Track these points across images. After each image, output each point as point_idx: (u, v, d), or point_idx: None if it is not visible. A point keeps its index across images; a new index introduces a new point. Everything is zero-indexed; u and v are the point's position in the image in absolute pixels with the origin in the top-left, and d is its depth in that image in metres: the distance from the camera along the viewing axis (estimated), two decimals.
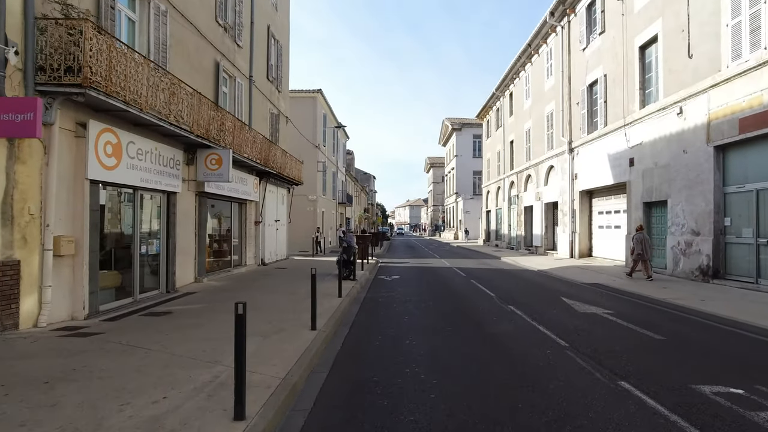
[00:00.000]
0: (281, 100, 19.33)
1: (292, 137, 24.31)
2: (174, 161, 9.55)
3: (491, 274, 15.05)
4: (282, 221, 19.14)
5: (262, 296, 9.22)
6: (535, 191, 24.70)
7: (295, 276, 13.08)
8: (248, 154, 12.76)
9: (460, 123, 53.45)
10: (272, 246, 17.48)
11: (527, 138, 26.04)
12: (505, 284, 12.18)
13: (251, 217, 15.40)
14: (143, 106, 7.26)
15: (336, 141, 36.99)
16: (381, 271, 16.14)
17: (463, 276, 14.29)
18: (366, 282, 12.69)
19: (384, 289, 11.37)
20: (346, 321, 7.45)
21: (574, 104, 19.49)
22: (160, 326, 6.39)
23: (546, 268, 16.05)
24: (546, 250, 23.01)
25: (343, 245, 12.85)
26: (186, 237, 10.46)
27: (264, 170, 14.96)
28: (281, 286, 10.71)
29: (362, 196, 63.93)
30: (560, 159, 20.92)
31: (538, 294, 10.41)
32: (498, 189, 33.66)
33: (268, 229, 16.88)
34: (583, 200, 19.17)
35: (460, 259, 21.62)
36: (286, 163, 17.39)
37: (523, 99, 26.83)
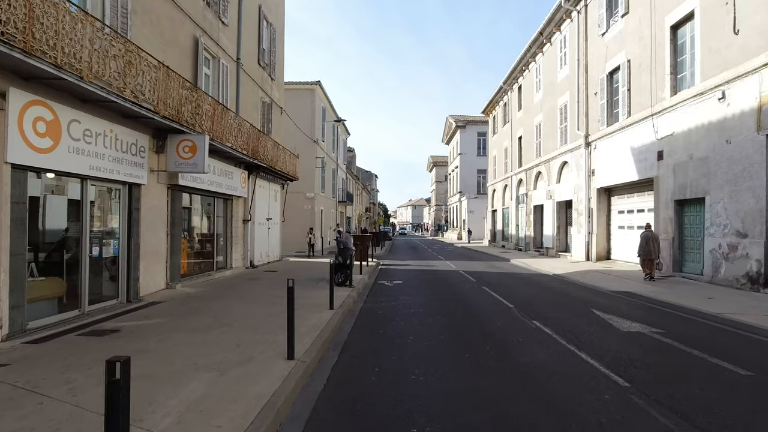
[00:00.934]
0: (275, 89, 17.89)
1: (288, 131, 22.89)
2: (137, 148, 8.11)
3: (503, 279, 13.58)
4: (275, 220, 17.71)
5: (240, 307, 7.78)
6: (546, 189, 23.20)
7: (285, 281, 11.63)
8: (232, 144, 11.32)
9: (465, 120, 51.99)
10: (263, 247, 16.05)
11: (537, 133, 24.54)
12: (522, 292, 10.71)
13: (238, 214, 13.97)
14: (85, 73, 5.83)
15: (336, 137, 35.55)
16: (382, 274, 14.70)
17: (472, 281, 12.82)
18: (364, 288, 11.25)
19: (384, 297, 9.92)
20: (336, 343, 6.00)
21: (592, 95, 17.99)
22: (90, 353, 4.95)
23: (562, 273, 14.57)
24: (558, 252, 21.52)
25: (339, 247, 11.41)
26: (155, 237, 9.03)
27: (253, 163, 13.52)
28: (265, 294, 9.26)
29: (364, 195, 62.49)
30: (575, 154, 19.42)
31: (563, 305, 8.94)
32: (505, 187, 32.16)
33: (258, 228, 15.45)
34: (601, 198, 17.67)
35: (466, 261, 20.15)
36: (279, 157, 15.95)
37: (534, 92, 25.33)
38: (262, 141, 13.95)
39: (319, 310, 7.63)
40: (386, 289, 11.15)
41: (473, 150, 51.32)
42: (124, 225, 8.03)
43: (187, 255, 11.24)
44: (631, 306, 8.79)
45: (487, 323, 7.18)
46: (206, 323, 6.44)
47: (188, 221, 11.46)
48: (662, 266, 12.75)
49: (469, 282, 12.68)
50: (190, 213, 11.56)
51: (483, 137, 50.91)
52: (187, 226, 11.31)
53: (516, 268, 17.31)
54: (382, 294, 10.38)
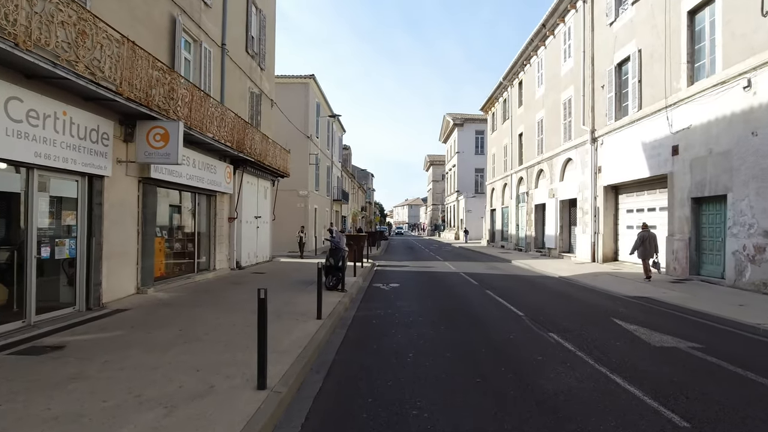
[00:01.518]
0: (264, 80, 16.91)
1: (279, 125, 21.92)
2: (99, 134, 7.13)
3: (507, 282, 12.68)
4: (265, 218, 16.73)
5: (215, 316, 6.82)
6: (548, 187, 22.35)
7: (272, 284, 10.67)
8: (214, 134, 10.35)
9: (462, 118, 51.17)
10: (251, 246, 15.07)
11: (539, 129, 23.68)
12: (530, 297, 9.81)
13: (223, 212, 12.99)
14: (21, 39, 4.86)
15: (331, 133, 34.58)
16: (377, 276, 13.77)
17: (474, 284, 11.91)
18: (358, 292, 10.31)
19: (380, 303, 8.99)
20: (322, 363, 5.06)
21: (598, 88, 17.13)
22: (9, 382, 3.98)
23: (569, 275, 13.70)
24: (561, 253, 20.66)
25: (330, 247, 10.46)
26: (122, 235, 8.05)
27: (239, 157, 12.55)
28: (247, 301, 8.30)
29: (359, 194, 61.53)
30: (580, 150, 18.56)
31: (578, 313, 8.04)
32: (504, 186, 31.31)
33: (245, 226, 14.47)
34: (608, 197, 16.82)
35: (465, 263, 19.25)
36: (269, 151, 14.98)
37: (535, 87, 24.47)
38: (249, 133, 12.98)
39: (304, 319, 6.68)
40: (382, 294, 10.21)
41: (471, 149, 50.54)
42: (84, 222, 7.05)
43: (165, 255, 10.26)
44: (654, 314, 7.90)
45: (497, 336, 6.26)
46: (170, 337, 5.49)
47: (165, 218, 10.48)
48: (659, 266, 12.06)
49: (470, 285, 11.77)
50: (167, 209, 10.57)
51: (481, 135, 50.14)
52: (164, 223, 10.33)
53: (519, 269, 16.43)
54: (377, 299, 9.45)
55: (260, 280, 11.40)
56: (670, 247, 12.64)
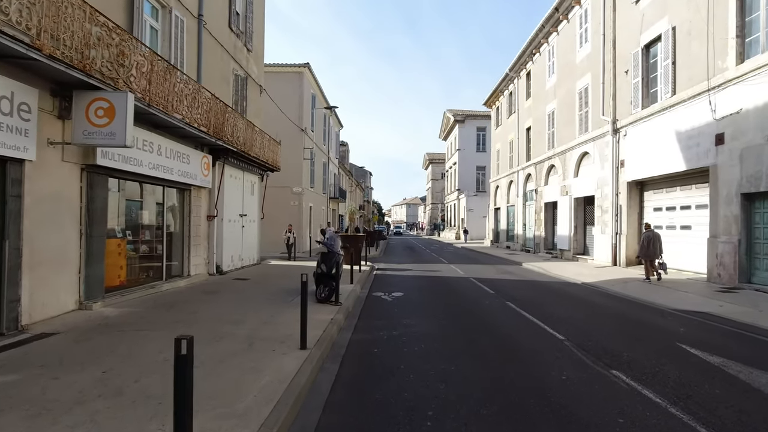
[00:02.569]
0: (252, 63, 15.21)
1: (271, 116, 20.25)
2: (14, 105, 5.44)
3: (526, 290, 11.06)
4: (252, 216, 15.05)
5: (159, 349, 5.12)
6: (560, 184, 20.74)
7: (253, 295, 9.01)
8: (184, 116, 8.67)
9: (463, 115, 49.61)
10: (234, 248, 13.38)
11: (550, 122, 22.06)
12: (562, 311, 8.17)
13: (201, 209, 11.31)
14: None
15: (327, 128, 32.89)
16: (377, 283, 12.11)
17: (490, 294, 10.28)
18: (355, 304, 8.66)
19: (382, 320, 7.33)
20: (302, 428, 3.40)
21: (621, 73, 15.52)
22: None
23: (593, 281, 12.10)
24: (575, 255, 19.06)
25: (322, 251, 8.80)
26: (56, 237, 6.37)
27: (218, 145, 10.88)
28: (217, 320, 6.63)
29: (357, 193, 59.86)
30: (599, 143, 16.95)
31: (630, 335, 6.40)
32: (510, 183, 29.70)
33: (228, 225, 12.79)
34: (631, 194, 15.21)
35: (473, 266, 17.61)
36: (255, 141, 13.30)
37: (546, 77, 22.84)
38: (231, 119, 11.29)
39: (284, 349, 5.03)
40: (384, 307, 8.56)
41: (472, 146, 48.98)
42: None
43: (125, 260, 8.59)
44: (728, 338, 6.27)
45: (544, 376, 4.61)
46: (82, 386, 3.81)
47: (124, 216, 8.79)
48: (666, 267, 11.93)
49: (486, 295, 10.13)
50: (125, 205, 8.88)
51: (482, 132, 48.60)
52: (122, 222, 8.65)
53: (533, 274, 14.80)
54: (378, 315, 7.79)
55: (241, 290, 9.73)
56: (713, 250, 11.03)
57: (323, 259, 8.41)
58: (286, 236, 18.21)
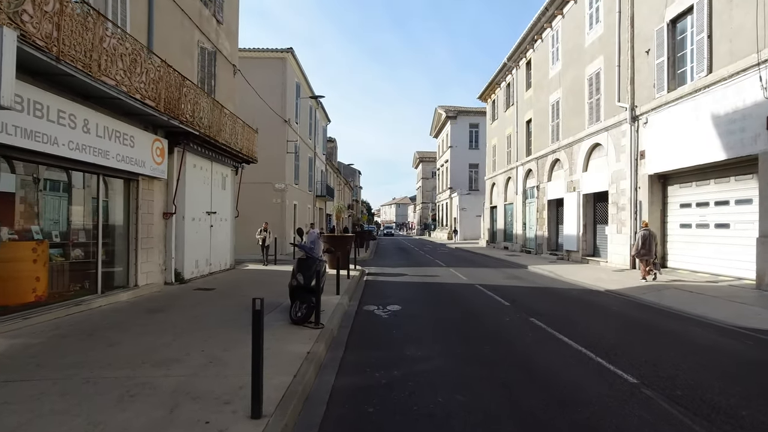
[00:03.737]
0: (223, 37, 13.21)
1: (251, 107, 18.28)
2: None
3: (546, 300, 9.29)
4: (223, 214, 13.05)
5: (26, 423, 3.20)
6: (566, 180, 19.10)
7: (211, 313, 7.06)
8: (119, 82, 6.69)
9: (455, 111, 48.02)
10: (200, 251, 11.38)
11: (554, 113, 20.42)
12: (603, 331, 6.38)
13: (154, 204, 9.30)
14: None
15: (314, 121, 30.91)
16: (369, 292, 10.24)
17: (505, 305, 8.48)
18: (342, 324, 6.77)
19: (378, 351, 5.46)
20: None
21: (641, 54, 13.88)
22: None
23: (618, 288, 10.41)
24: (584, 257, 17.41)
25: (300, 256, 6.89)
26: None
27: (174, 126, 8.89)
28: (142, 360, 4.68)
29: (346, 191, 57.90)
30: (613, 133, 15.31)
31: (723, 372, 4.62)
32: (507, 180, 28.06)
33: (191, 225, 10.79)
34: (653, 188, 13.58)
35: (474, 269, 15.85)
36: (225, 125, 11.32)
37: (549, 64, 21.20)
38: (192, 95, 9.31)
39: (224, 421, 3.12)
40: (379, 328, 6.68)
41: (465, 143, 47.44)
42: None
43: (45, 269, 6.57)
44: None
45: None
46: None
47: (46, 213, 6.78)
48: (658, 267, 12.01)
49: (501, 308, 8.32)
50: (46, 199, 6.87)
51: (475, 129, 47.10)
52: (43, 221, 6.63)
53: (545, 279, 13.06)
54: (372, 341, 5.92)
55: (196, 304, 7.76)
56: (764, 252, 9.38)
57: (300, 267, 6.50)
58: (260, 236, 15.75)
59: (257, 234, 15.76)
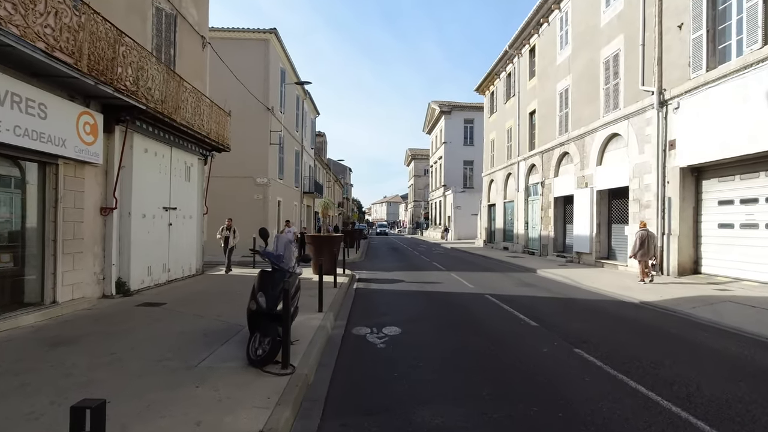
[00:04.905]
0: (188, 0, 11.17)
1: (229, 92, 16.27)
2: None
3: (578, 317, 7.48)
4: (188, 211, 11.04)
5: None
6: (576, 175, 17.38)
7: (143, 345, 5.10)
8: (23, 32, 4.70)
9: (450, 105, 46.24)
10: (155, 255, 9.36)
11: (562, 102, 18.70)
12: (688, 372, 4.56)
13: (84, 196, 7.29)
14: None
15: (301, 112, 28.88)
16: (359, 306, 8.34)
17: (532, 326, 6.65)
18: (321, 360, 4.87)
19: (374, 414, 3.57)
20: None
21: (671, 29, 12.16)
22: None
23: (656, 299, 8.68)
24: (598, 260, 15.71)
25: (268, 270, 4.96)
26: None
27: (109, 97, 6.90)
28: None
29: (336, 189, 55.86)
30: (636, 121, 13.59)
31: None
32: (507, 176, 26.35)
33: (141, 223, 8.79)
34: (685, 183, 11.89)
35: (478, 274, 14.03)
36: (186, 103, 9.34)
37: (556, 50, 19.47)
38: (133, 57, 7.31)
39: None
40: (374, 369, 4.78)
41: (459, 139, 45.73)
42: None
43: None
44: None
45: None
46: None
47: None
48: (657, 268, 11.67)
49: (530, 330, 6.47)
50: None
51: (470, 125, 45.44)
52: None
53: (563, 287, 11.27)
54: (364, 394, 4.01)
55: (127, 331, 5.79)
56: None
57: (263, 283, 4.59)
58: (222, 235, 12.62)
59: (218, 233, 12.71)
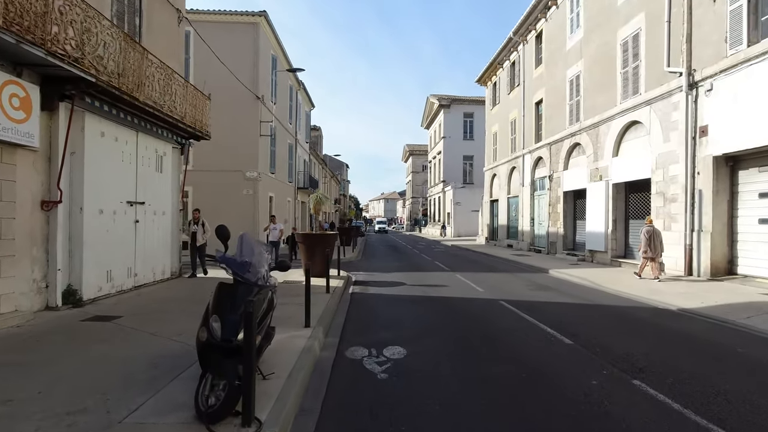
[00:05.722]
0: None
1: (215, 79, 14.95)
2: None
3: (619, 331, 6.23)
4: (159, 206, 9.72)
5: None
6: (590, 167, 16.15)
7: (65, 380, 3.80)
8: None
9: (449, 99, 44.93)
10: (115, 258, 8.03)
11: (573, 90, 17.44)
12: None
13: (17, 187, 5.96)
14: None
15: (295, 104, 27.51)
16: (354, 317, 7.06)
17: (567, 345, 5.40)
18: (303, 404, 3.60)
19: None
20: None
21: (702, 1, 10.91)
22: None
23: (696, 306, 7.47)
24: (614, 258, 14.50)
25: (229, 286, 3.66)
26: None
27: (40, 62, 5.59)
28: None
29: (333, 185, 54.50)
30: (660, 107, 12.33)
31: None
32: (511, 170, 25.10)
33: (97, 221, 7.46)
34: (719, 174, 10.66)
35: (485, 275, 12.79)
36: (153, 80, 8.01)
37: (566, 34, 18.20)
38: (73, 16, 5.98)
39: None
40: (373, 413, 3.52)
41: (459, 133, 44.43)
42: None
43: None
44: None
45: None
46: None
47: None
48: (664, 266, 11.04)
49: (567, 351, 5.22)
50: None
51: (470, 119, 44.15)
52: None
53: (583, 290, 10.03)
54: None
55: (54, 358, 4.49)
56: None
57: (219, 301, 3.31)
58: (188, 230, 10.46)
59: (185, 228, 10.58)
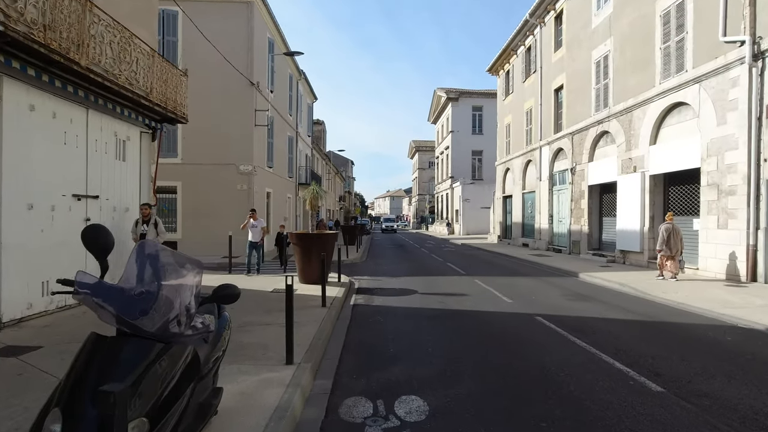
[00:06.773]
0: None
1: (204, 64, 13.36)
2: None
3: (716, 371, 4.53)
4: (122, 202, 8.12)
5: None
6: (621, 158, 14.38)
7: None
8: None
9: (457, 92, 43.18)
10: (56, 265, 6.42)
11: (601, 72, 15.65)
12: None
13: None
14: None
15: (296, 95, 25.90)
16: (355, 338, 5.42)
17: (653, 391, 3.71)
18: None
19: None
20: None
21: None
22: None
23: None
24: (651, 260, 12.74)
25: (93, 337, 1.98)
26: None
27: None
28: None
29: (337, 181, 52.90)
30: (711, 84, 10.56)
31: None
32: (527, 164, 23.34)
33: (25, 218, 5.87)
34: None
35: (506, 279, 11.11)
36: (102, 41, 6.40)
37: (591, 11, 16.40)
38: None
39: None
40: None
41: (467, 128, 42.68)
42: None
43: None
44: None
45: None
46: None
47: None
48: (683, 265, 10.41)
49: (661, 404, 3.52)
50: None
51: (479, 112, 42.37)
52: None
53: (628, 300, 8.31)
54: None
55: None
56: None
57: (79, 374, 1.67)
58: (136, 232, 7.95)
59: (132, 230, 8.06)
